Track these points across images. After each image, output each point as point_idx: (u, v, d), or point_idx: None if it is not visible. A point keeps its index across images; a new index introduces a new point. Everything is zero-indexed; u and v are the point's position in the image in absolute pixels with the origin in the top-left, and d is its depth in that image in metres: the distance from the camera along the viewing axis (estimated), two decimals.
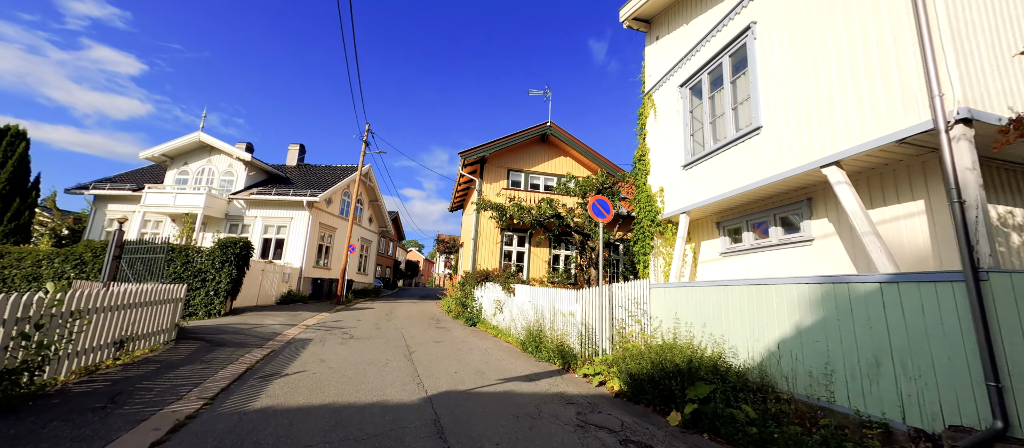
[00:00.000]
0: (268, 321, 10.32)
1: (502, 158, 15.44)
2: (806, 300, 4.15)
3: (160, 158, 17.93)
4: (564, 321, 7.35)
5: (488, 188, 15.02)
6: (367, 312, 13.71)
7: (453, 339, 9.01)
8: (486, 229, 14.68)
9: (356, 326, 10.26)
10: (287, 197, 16.54)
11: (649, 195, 7.79)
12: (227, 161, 17.92)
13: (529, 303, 8.61)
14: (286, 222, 16.85)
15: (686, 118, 7.02)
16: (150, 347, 5.95)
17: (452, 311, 14.01)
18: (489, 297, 11.32)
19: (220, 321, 10.06)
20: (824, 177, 4.73)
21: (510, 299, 9.84)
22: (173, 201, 16.11)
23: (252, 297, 13.11)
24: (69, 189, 17.49)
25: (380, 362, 6.35)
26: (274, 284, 14.47)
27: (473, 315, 11.88)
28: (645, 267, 7.71)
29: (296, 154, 21.78)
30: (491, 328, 10.56)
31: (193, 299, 11.08)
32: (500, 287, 10.49)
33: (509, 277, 10.25)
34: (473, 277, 12.41)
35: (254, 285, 13.17)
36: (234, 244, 11.53)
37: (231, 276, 11.33)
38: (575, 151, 15.42)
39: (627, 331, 6.88)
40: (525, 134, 14.91)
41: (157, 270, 11.22)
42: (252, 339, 7.75)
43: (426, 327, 10.71)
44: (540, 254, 14.86)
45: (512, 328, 9.43)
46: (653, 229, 7.59)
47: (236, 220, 17.04)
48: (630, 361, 5.29)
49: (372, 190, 23.04)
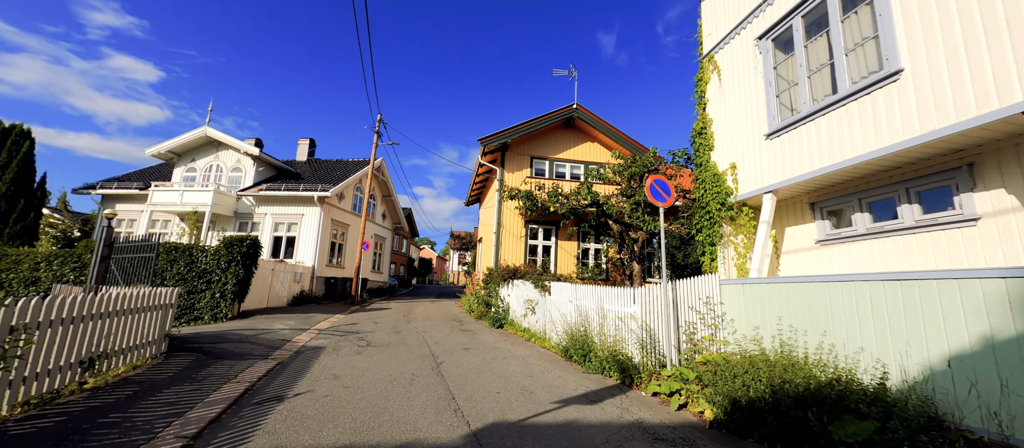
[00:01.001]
0: (277, 325, 9.40)
1: (524, 145, 14.27)
2: (1005, 300, 2.91)
3: (167, 155, 17.25)
4: (617, 325, 6.18)
5: (510, 177, 13.88)
6: (384, 313, 12.75)
7: (482, 345, 7.92)
8: (509, 221, 13.55)
9: (373, 330, 9.26)
10: (297, 192, 15.68)
11: (715, 174, 6.53)
12: (235, 156, 17.15)
13: (570, 303, 7.46)
14: (297, 219, 16.01)
15: (768, 76, 5.74)
16: (132, 363, 4.99)
17: (474, 311, 12.97)
18: (518, 296, 10.21)
19: (225, 326, 9.17)
20: (1002, 133, 3.46)
21: (544, 299, 8.70)
22: (180, 199, 15.39)
23: (262, 299, 12.26)
24: (76, 189, 16.96)
25: (404, 378, 5.28)
26: (285, 285, 13.62)
27: (499, 316, 10.79)
28: (712, 259, 6.47)
29: (306, 149, 20.97)
30: (522, 331, 9.46)
31: (198, 302, 10.24)
32: (532, 285, 9.36)
33: (542, 274, 9.11)
34: (498, 274, 11.31)
35: (263, 286, 12.32)
36: (240, 242, 10.64)
37: (238, 277, 10.45)
38: (604, 135, 14.15)
39: (698, 337, 5.68)
40: (549, 118, 13.70)
41: (159, 272, 10.40)
42: (257, 348, 6.78)
43: (450, 330, 9.66)
44: (568, 248, 13.69)
45: (548, 331, 8.30)
46: (722, 214, 6.34)
47: (245, 218, 16.28)
48: (726, 379, 4.10)
49: (385, 185, 22.13)
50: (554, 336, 7.87)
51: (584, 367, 6.24)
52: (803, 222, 5.81)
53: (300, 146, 21.09)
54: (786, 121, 5.36)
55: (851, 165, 4.48)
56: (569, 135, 14.70)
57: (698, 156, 6.98)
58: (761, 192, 5.68)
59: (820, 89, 5.09)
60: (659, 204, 5.98)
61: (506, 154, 14.01)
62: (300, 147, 21.09)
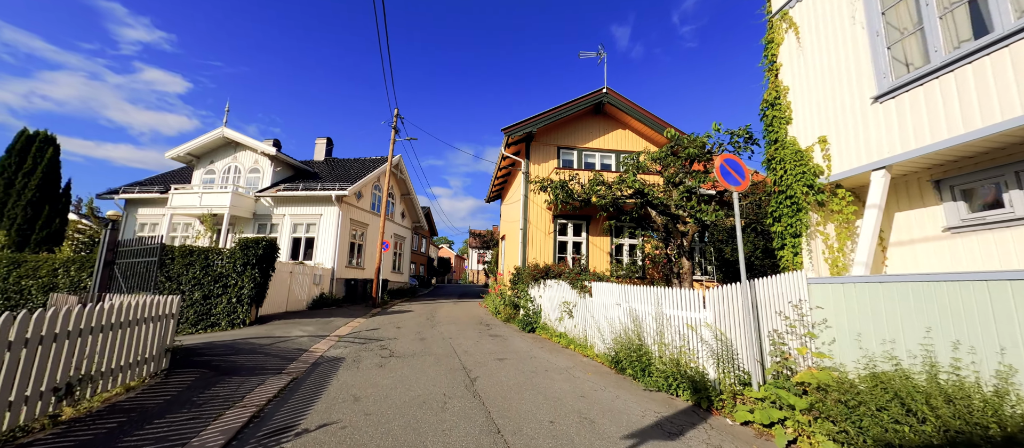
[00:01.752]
0: (295, 332, 8.78)
1: (551, 134, 13.30)
2: None
3: (186, 157, 17.09)
4: (682, 333, 5.19)
5: (535, 169, 12.95)
6: (406, 316, 12.06)
7: (517, 354, 7.05)
8: (536, 216, 12.63)
9: (396, 336, 8.53)
10: (315, 192, 15.19)
11: (798, 151, 5.44)
12: (253, 157, 16.82)
13: (618, 307, 6.49)
14: (315, 219, 15.53)
15: (874, 25, 4.62)
16: (125, 385, 4.33)
17: (500, 313, 12.13)
18: (551, 298, 9.29)
19: (241, 333, 8.60)
20: None
21: (584, 301, 7.76)
22: (199, 201, 15.13)
23: (280, 303, 11.76)
24: (100, 194, 17.00)
25: (435, 400, 4.46)
26: (305, 287, 13.12)
27: (530, 319, 9.90)
28: (795, 253, 5.40)
29: (323, 148, 20.58)
30: (556, 336, 8.55)
31: (215, 307, 9.75)
32: (568, 286, 8.43)
33: (580, 273, 8.16)
34: (527, 274, 10.42)
35: (282, 290, 11.81)
36: (256, 244, 10.10)
37: (254, 280, 9.92)
38: (637, 121, 13.04)
39: (789, 349, 4.65)
40: (577, 104, 12.69)
41: (174, 277, 9.96)
42: (271, 360, 6.11)
43: (478, 335, 8.84)
44: (600, 244, 12.67)
45: (590, 338, 7.36)
46: (809, 198, 5.25)
47: (264, 219, 15.92)
48: (864, 412, 3.09)
49: (404, 183, 21.57)
50: (599, 344, 6.92)
51: (643, 383, 5.28)
52: (921, 205, 4.68)
53: (317, 146, 20.72)
54: (904, 79, 4.25)
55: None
56: (598, 123, 13.65)
57: (771, 131, 5.89)
58: (867, 169, 4.58)
59: (959, 30, 3.96)
60: (732, 188, 4.96)
61: (531, 145, 13.08)
62: (317, 147, 20.72)
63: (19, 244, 14.29)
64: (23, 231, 14.47)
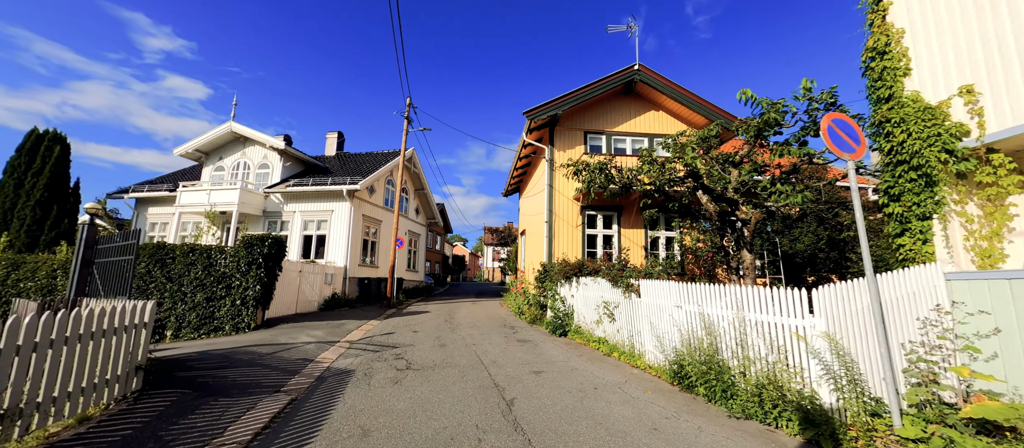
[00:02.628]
0: (302, 337, 7.92)
1: (576, 118, 12.16)
2: None
3: (194, 154, 16.56)
4: (777, 345, 4.04)
5: (561, 156, 11.83)
6: (423, 318, 11.14)
7: (554, 365, 5.99)
8: (562, 208, 11.53)
9: (413, 343, 7.57)
10: (325, 187, 14.41)
11: (925, 108, 4.20)
12: (262, 153, 16.17)
13: (679, 309, 5.36)
14: (326, 216, 14.77)
15: None
16: (79, 414, 3.45)
17: (525, 314, 11.10)
18: (586, 298, 8.20)
19: (244, 339, 7.79)
20: None
21: (629, 302, 6.64)
22: (207, 199, 14.53)
23: (289, 304, 10.98)
24: (110, 194, 16.63)
25: (467, 436, 3.44)
26: (316, 287, 12.34)
27: (560, 321, 8.84)
28: (923, 241, 4.17)
29: (334, 143, 19.87)
30: (594, 341, 7.47)
31: (218, 310, 8.99)
32: (608, 284, 7.32)
33: (623, 269, 7.05)
34: (557, 271, 9.34)
35: (291, 290, 11.02)
36: (261, 242, 9.30)
37: (260, 281, 9.12)
38: (673, 101, 11.78)
39: (933, 369, 3.46)
40: (606, 83, 11.50)
41: (176, 277, 9.24)
42: (269, 374, 5.21)
43: (504, 341, 7.82)
44: (633, 238, 11.49)
45: (639, 346, 6.25)
46: (949, 168, 4.02)
47: (274, 217, 15.24)
48: None
49: (417, 177, 20.71)
50: (653, 353, 5.80)
51: (724, 407, 4.16)
52: None
53: (328, 140, 20.02)
54: None
55: None
56: (629, 104, 12.42)
57: (880, 86, 4.65)
58: None
59: None
60: (846, 155, 3.77)
61: (555, 129, 11.96)
62: (328, 141, 20.02)
63: (28, 245, 13.94)
64: (32, 232, 14.12)
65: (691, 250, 10.33)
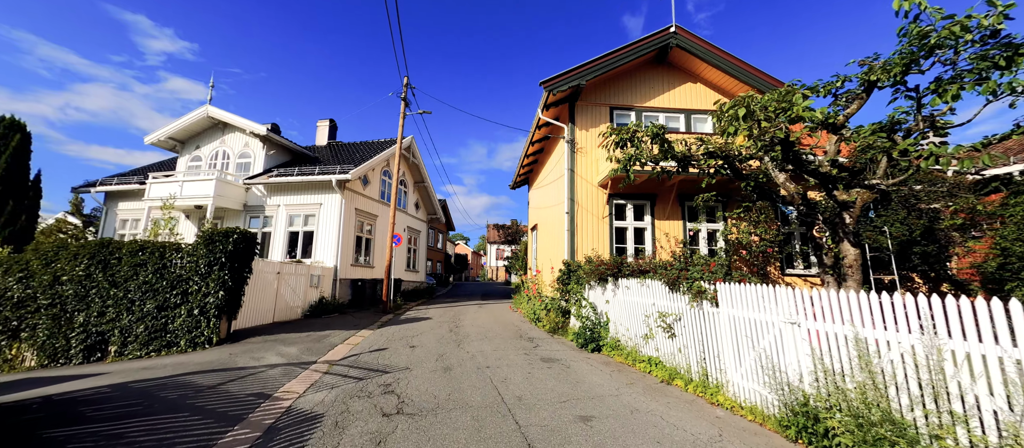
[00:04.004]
0: (269, 357, 6.26)
1: (600, 91, 10.43)
2: None
3: (168, 142, 14.90)
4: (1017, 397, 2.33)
5: (583, 137, 10.11)
6: (423, 326, 9.46)
7: (604, 401, 4.30)
8: (586, 196, 9.82)
9: (409, 365, 5.89)
10: (312, 176, 12.73)
11: None
12: (242, 140, 14.50)
13: (795, 327, 3.65)
14: (314, 209, 13.09)
15: None
16: None
17: (542, 321, 9.43)
18: (628, 304, 6.50)
19: (195, 360, 6.12)
20: None
21: (697, 313, 4.95)
22: (180, 191, 12.88)
23: (265, 311, 9.31)
24: (75, 188, 15.00)
25: None
26: (299, 291, 10.68)
27: (590, 332, 7.15)
28: None
29: (326, 131, 18.17)
30: (641, 361, 5.78)
31: (172, 322, 7.34)
32: (664, 287, 5.61)
33: (685, 269, 5.32)
34: (589, 271, 7.63)
35: (267, 295, 9.35)
36: (225, 237, 7.63)
37: (223, 285, 7.46)
38: (715, 70, 10.04)
39: None
40: (637, 49, 9.76)
41: (120, 283, 7.60)
42: (193, 428, 3.53)
43: (525, 359, 6.13)
44: (669, 230, 9.78)
45: (716, 374, 4.56)
46: None
47: (256, 211, 13.58)
48: None
49: (417, 169, 19.01)
50: (743, 386, 4.10)
51: None
52: None
53: (319, 129, 18.32)
54: None
55: None
56: (662, 75, 10.68)
57: None
58: None
59: None
60: None
61: (576, 105, 10.24)
62: (319, 130, 18.32)
63: None
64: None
65: (743, 245, 8.60)
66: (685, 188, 9.73)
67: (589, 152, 10.10)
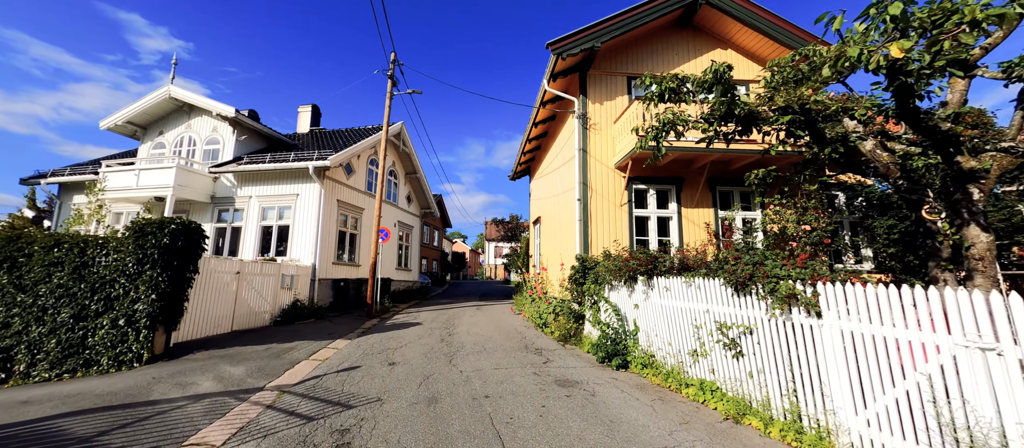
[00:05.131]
0: (203, 383, 4.80)
1: (616, 59, 8.98)
2: None
3: (127, 128, 13.34)
4: None
5: (596, 112, 8.67)
6: (411, 333, 8.01)
7: None
8: (601, 181, 8.39)
9: (382, 395, 4.44)
10: (287, 164, 11.23)
11: None
12: (210, 124, 12.96)
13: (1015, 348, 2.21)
14: (290, 201, 11.60)
15: None
16: None
17: (550, 327, 8.02)
18: (667, 310, 5.07)
19: (107, 384, 4.66)
20: None
21: (783, 325, 3.52)
22: (136, 181, 11.36)
23: (220, 318, 7.83)
24: (25, 179, 13.44)
25: None
26: (267, 294, 9.20)
27: (612, 342, 5.74)
28: None
29: (308, 118, 16.63)
30: (691, 386, 4.37)
31: (92, 335, 5.87)
32: (725, 289, 4.18)
33: (762, 263, 3.87)
34: (613, 268, 6.18)
35: (223, 299, 7.87)
36: (160, 229, 6.15)
37: (156, 288, 5.99)
38: (750, 32, 8.60)
39: None
40: (658, 7, 8.30)
41: (27, 287, 6.11)
42: None
43: (536, 383, 4.70)
44: (697, 219, 8.37)
45: (818, 414, 3.14)
46: None
47: (226, 203, 12.07)
48: None
49: (408, 158, 17.50)
50: (878, 440, 2.67)
51: None
52: None
53: (301, 115, 16.76)
54: None
55: None
56: (686, 41, 9.24)
57: None
58: None
59: None
60: None
61: (588, 74, 8.79)
62: (301, 116, 16.77)
63: None
64: None
65: (792, 236, 7.18)
66: (716, 170, 8.32)
67: (603, 129, 8.66)
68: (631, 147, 7.40)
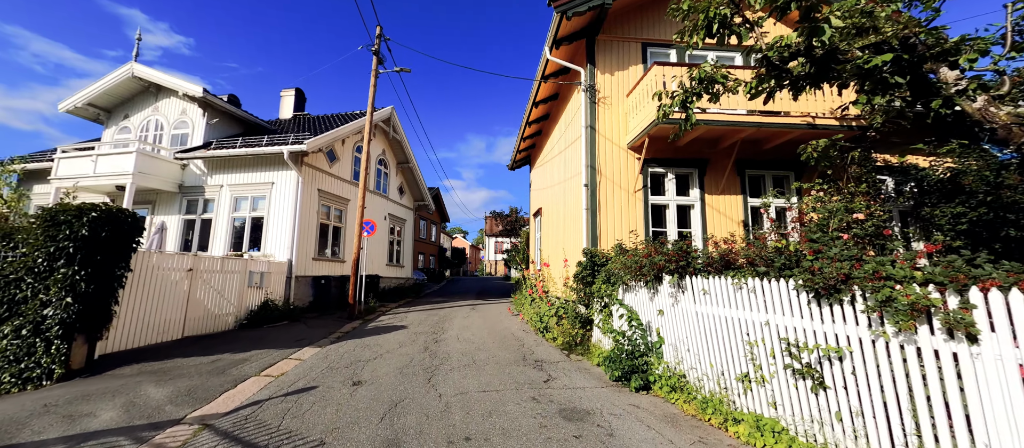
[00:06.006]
0: (103, 413, 3.70)
1: (630, 22, 7.79)
2: None
3: (88, 111, 12.21)
4: None
5: (606, 84, 7.49)
6: (391, 340, 6.91)
7: None
8: (612, 163, 7.24)
9: (331, 434, 3.32)
10: (260, 149, 10.10)
11: None
12: (179, 107, 11.81)
13: None
14: (264, 190, 10.47)
15: None
16: None
17: (552, 331, 6.92)
18: (703, 318, 3.93)
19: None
20: None
21: (899, 349, 2.36)
22: (93, 168, 10.24)
23: (168, 323, 6.72)
24: None
25: None
26: (230, 293, 8.10)
27: (631, 357, 4.61)
28: None
29: (291, 103, 15.45)
30: (741, 421, 3.24)
31: None
32: (794, 292, 3.03)
33: (860, 260, 2.73)
34: (635, 266, 5.02)
35: (171, 300, 6.76)
36: (77, 216, 5.05)
37: (74, 288, 4.90)
38: None
39: None
40: None
41: None
42: None
43: (535, 414, 3.58)
44: (722, 207, 7.21)
45: None
46: None
47: (195, 193, 10.96)
48: None
49: (399, 146, 16.32)
50: None
51: None
52: None
53: (283, 100, 15.59)
54: None
55: None
56: None
57: None
58: None
59: None
60: None
61: (597, 39, 7.60)
62: (283, 101, 15.59)
63: None
64: None
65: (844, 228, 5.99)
66: (746, 150, 7.15)
67: (615, 104, 7.48)
68: (649, 121, 6.23)
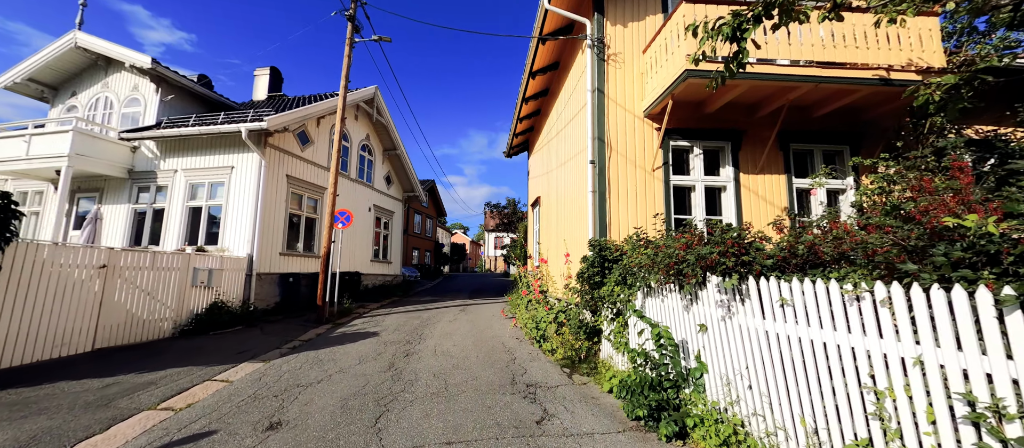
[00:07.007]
0: None
1: None
2: None
3: (30, 88, 10.89)
4: None
5: (617, 37, 6.11)
6: (353, 352, 5.59)
7: None
8: (624, 136, 5.86)
9: None
10: (215, 127, 8.76)
11: None
12: (130, 82, 10.47)
13: None
14: (223, 175, 9.15)
15: None
16: None
17: (550, 340, 5.59)
18: (778, 344, 2.57)
19: None
20: None
21: None
22: (26, 150, 8.93)
23: (73, 332, 5.42)
24: None
25: None
26: (168, 295, 6.79)
27: (658, 388, 3.27)
28: None
29: (266, 83, 14.04)
30: None
31: None
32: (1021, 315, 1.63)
33: None
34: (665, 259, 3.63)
35: (77, 305, 5.45)
36: None
37: None
38: None
39: None
40: None
41: None
42: None
43: None
44: (761, 189, 5.83)
45: None
46: None
47: (146, 179, 9.64)
48: None
49: (386, 131, 14.93)
50: None
51: None
52: None
53: (257, 80, 14.19)
54: None
55: None
56: None
57: None
58: None
59: None
60: None
61: None
62: (257, 81, 14.19)
63: None
64: None
65: (919, 211, 4.61)
66: (792, 120, 5.75)
67: (628, 62, 6.09)
68: (675, 77, 4.85)
